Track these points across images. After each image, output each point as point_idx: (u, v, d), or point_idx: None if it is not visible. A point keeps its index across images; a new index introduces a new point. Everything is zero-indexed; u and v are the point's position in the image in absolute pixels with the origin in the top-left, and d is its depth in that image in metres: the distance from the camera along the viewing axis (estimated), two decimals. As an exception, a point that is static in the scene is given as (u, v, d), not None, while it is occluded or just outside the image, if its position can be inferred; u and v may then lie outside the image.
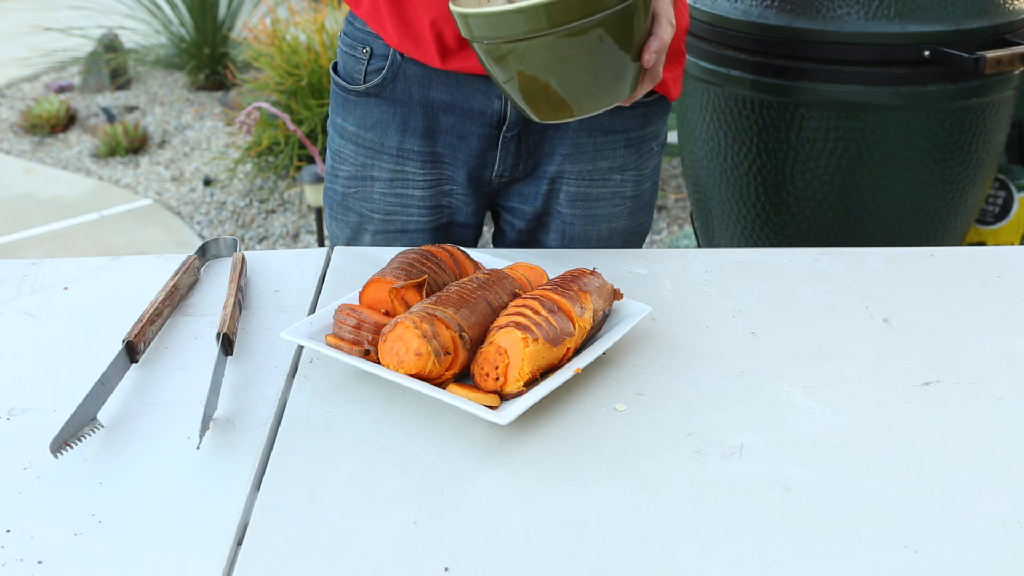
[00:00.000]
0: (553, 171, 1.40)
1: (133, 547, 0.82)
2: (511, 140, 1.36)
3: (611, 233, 1.47)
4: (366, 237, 1.44)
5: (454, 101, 1.34)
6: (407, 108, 1.35)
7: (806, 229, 2.30)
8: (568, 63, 1.02)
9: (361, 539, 0.83)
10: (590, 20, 0.98)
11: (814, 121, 2.17)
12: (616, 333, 1.06)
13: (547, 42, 0.99)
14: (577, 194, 1.41)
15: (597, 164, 1.40)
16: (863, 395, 1.02)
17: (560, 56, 1.01)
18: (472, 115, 1.34)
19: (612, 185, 1.42)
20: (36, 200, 4.29)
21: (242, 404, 1.01)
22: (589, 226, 1.44)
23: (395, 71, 1.34)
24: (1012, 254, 1.33)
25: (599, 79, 1.05)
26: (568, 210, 1.43)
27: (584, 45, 1.01)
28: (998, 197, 2.57)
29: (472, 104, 1.34)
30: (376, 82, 1.35)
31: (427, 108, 1.35)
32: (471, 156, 1.38)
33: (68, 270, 1.28)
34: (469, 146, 1.37)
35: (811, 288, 1.23)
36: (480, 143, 1.37)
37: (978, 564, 0.81)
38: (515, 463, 0.92)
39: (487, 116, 1.34)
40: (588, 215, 1.43)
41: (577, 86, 1.05)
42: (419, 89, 1.34)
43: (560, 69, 1.03)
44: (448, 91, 1.33)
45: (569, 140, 1.37)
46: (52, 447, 0.90)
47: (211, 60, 5.47)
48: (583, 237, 1.45)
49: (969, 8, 2.09)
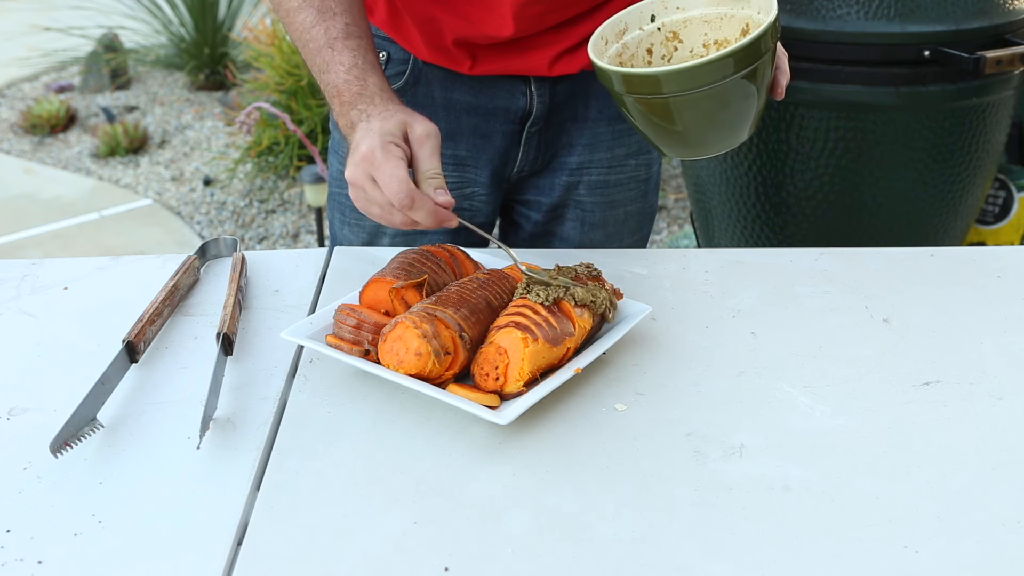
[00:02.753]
0: (575, 162, 1.41)
1: (133, 547, 0.82)
2: (534, 135, 1.37)
3: (626, 216, 1.48)
4: (384, 241, 1.43)
5: (478, 102, 1.34)
6: (429, 111, 1.34)
7: (806, 229, 2.30)
8: (717, 112, 1.04)
9: (361, 539, 0.83)
10: (741, 73, 1.01)
11: (814, 121, 2.17)
12: (616, 333, 1.06)
13: (701, 96, 1.02)
14: (598, 182, 1.43)
15: (615, 151, 1.42)
16: (863, 395, 1.02)
17: (714, 105, 1.04)
18: (496, 114, 1.34)
19: (628, 170, 1.44)
20: (36, 200, 4.29)
21: (242, 404, 1.01)
22: (608, 211, 1.46)
23: (416, 75, 1.34)
24: (1012, 254, 1.33)
25: (741, 120, 1.08)
26: (589, 198, 1.44)
27: (734, 94, 1.03)
28: (998, 197, 2.57)
29: (496, 103, 1.34)
30: (397, 87, 1.34)
31: (450, 110, 1.35)
32: (495, 155, 1.38)
33: (68, 270, 1.28)
34: (493, 145, 1.37)
35: (811, 288, 1.23)
36: (504, 141, 1.37)
37: (978, 564, 0.81)
38: (515, 463, 0.92)
39: (512, 113, 1.34)
40: (607, 201, 1.45)
41: (720, 128, 1.08)
42: (442, 92, 1.34)
43: (708, 117, 1.05)
44: (472, 93, 1.33)
45: (589, 131, 1.39)
46: (52, 447, 0.90)
47: (211, 60, 5.46)
48: (602, 223, 1.47)
49: (969, 8, 2.09)
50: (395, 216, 1.03)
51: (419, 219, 1.02)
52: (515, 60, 1.30)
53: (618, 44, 1.14)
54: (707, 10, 1.12)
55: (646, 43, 1.15)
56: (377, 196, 1.02)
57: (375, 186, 1.02)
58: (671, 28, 1.14)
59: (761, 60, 1.02)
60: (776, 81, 1.11)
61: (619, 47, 1.14)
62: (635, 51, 1.15)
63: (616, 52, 1.14)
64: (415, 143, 1.04)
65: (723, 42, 1.13)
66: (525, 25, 1.25)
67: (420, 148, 1.04)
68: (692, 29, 1.14)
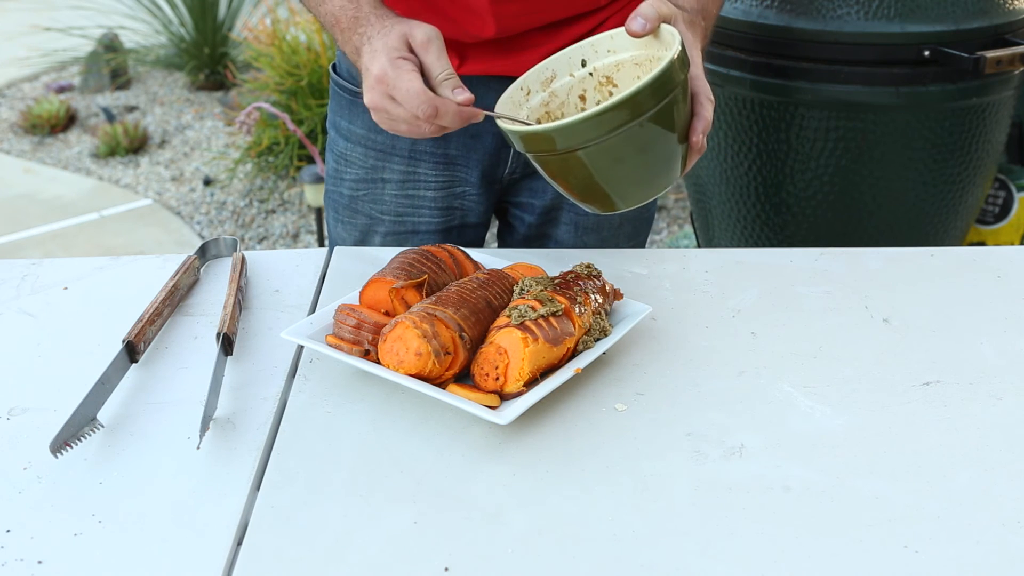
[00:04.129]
0: None
1: (133, 547, 0.82)
2: None
3: (622, 221, 1.48)
4: (376, 239, 1.44)
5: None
6: None
7: (806, 229, 2.30)
8: (623, 163, 1.01)
9: (361, 539, 0.83)
10: (637, 121, 0.97)
11: (814, 121, 2.17)
12: (616, 333, 1.06)
13: (600, 148, 0.99)
14: None
15: None
16: (863, 395, 1.02)
17: (615, 158, 1.00)
18: None
19: None
20: (36, 200, 4.29)
21: (242, 404, 1.01)
22: (602, 215, 1.45)
23: None
24: (1012, 254, 1.33)
25: (653, 169, 1.04)
26: None
27: (635, 143, 1.00)
28: (998, 197, 2.57)
29: (487, 103, 1.34)
30: None
31: None
32: (484, 155, 1.38)
33: (68, 270, 1.28)
34: (483, 145, 1.37)
35: (811, 288, 1.23)
36: (494, 141, 1.37)
37: (978, 564, 0.81)
38: (515, 463, 0.92)
39: None
40: None
41: (633, 179, 1.04)
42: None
43: (615, 169, 1.02)
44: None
45: None
46: (52, 447, 0.90)
47: (211, 60, 5.47)
48: (596, 227, 1.46)
49: (969, 8, 2.09)
50: (424, 127, 1.04)
51: (446, 123, 1.03)
52: (503, 61, 1.30)
53: (544, 93, 1.11)
54: (637, 52, 1.08)
55: (578, 89, 1.12)
56: (401, 113, 1.03)
57: (396, 104, 1.03)
58: (604, 72, 1.11)
59: (660, 105, 0.97)
60: (692, 128, 1.05)
61: (546, 96, 1.11)
62: (565, 98, 1.12)
63: (541, 102, 1.11)
64: (419, 50, 1.04)
65: None
66: (506, 24, 1.25)
67: (426, 53, 1.04)
68: (625, 72, 1.10)
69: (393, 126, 1.06)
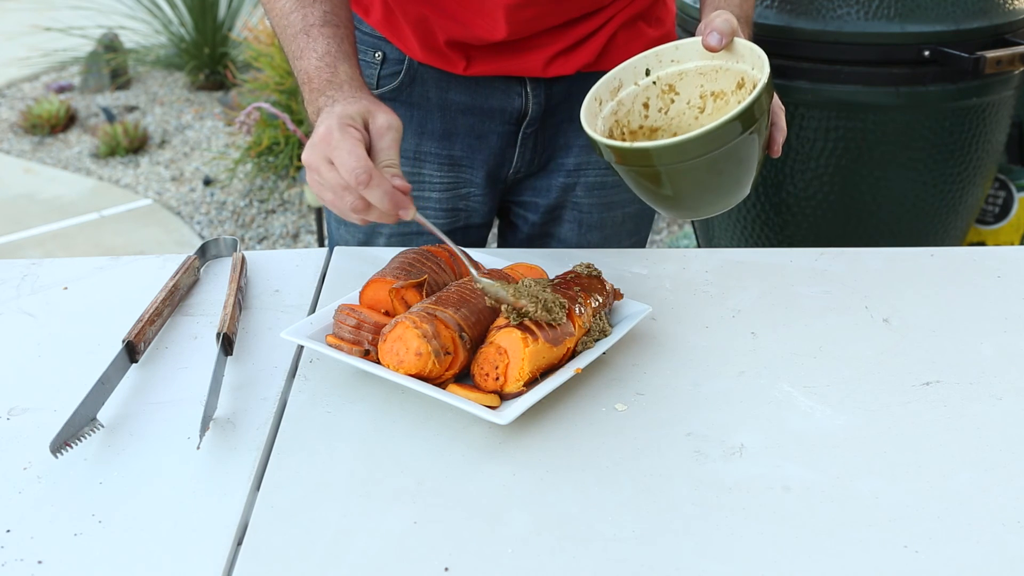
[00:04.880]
0: (572, 163, 1.41)
1: (133, 547, 0.82)
2: (530, 136, 1.36)
3: (624, 218, 1.48)
4: (380, 240, 1.43)
5: (473, 102, 1.34)
6: (424, 111, 1.35)
7: (806, 229, 2.30)
8: (722, 174, 1.04)
9: (361, 539, 0.83)
10: (747, 132, 0.99)
11: (814, 121, 2.17)
12: (616, 333, 1.06)
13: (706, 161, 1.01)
14: (595, 183, 1.42)
15: None
16: (863, 395, 1.02)
17: (716, 170, 1.03)
18: (492, 114, 1.34)
19: None
20: (36, 200, 4.29)
21: (242, 404, 1.01)
22: (605, 213, 1.45)
23: (412, 75, 1.33)
24: (1012, 254, 1.33)
25: (742, 180, 1.07)
26: (586, 200, 1.44)
27: (738, 155, 1.02)
28: (998, 197, 2.57)
29: (492, 104, 1.34)
30: (392, 86, 1.34)
31: (445, 110, 1.35)
32: (490, 156, 1.38)
33: (68, 270, 1.28)
34: (488, 146, 1.37)
35: (811, 288, 1.23)
36: (499, 141, 1.36)
37: (978, 564, 0.81)
38: (515, 463, 0.92)
39: (507, 114, 1.34)
40: (605, 203, 1.44)
41: (726, 189, 1.07)
42: (437, 92, 1.34)
43: (716, 180, 1.05)
44: (467, 93, 1.33)
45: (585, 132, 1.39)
46: (52, 447, 0.90)
47: (211, 60, 5.46)
48: (600, 225, 1.46)
49: (969, 8, 2.09)
50: (347, 199, 0.97)
51: (374, 200, 0.96)
52: (510, 61, 1.30)
53: (613, 102, 1.13)
54: (702, 63, 1.11)
55: (642, 97, 1.14)
56: (331, 178, 0.97)
57: (331, 168, 0.97)
58: (667, 81, 1.13)
59: (756, 124, 1.00)
60: (772, 139, 1.08)
61: (614, 105, 1.13)
62: (631, 107, 1.14)
63: (611, 111, 1.13)
64: (375, 133, 1.01)
65: (719, 93, 1.11)
66: (518, 28, 1.25)
67: (380, 139, 1.00)
68: (688, 81, 1.13)
69: (320, 191, 1.00)
